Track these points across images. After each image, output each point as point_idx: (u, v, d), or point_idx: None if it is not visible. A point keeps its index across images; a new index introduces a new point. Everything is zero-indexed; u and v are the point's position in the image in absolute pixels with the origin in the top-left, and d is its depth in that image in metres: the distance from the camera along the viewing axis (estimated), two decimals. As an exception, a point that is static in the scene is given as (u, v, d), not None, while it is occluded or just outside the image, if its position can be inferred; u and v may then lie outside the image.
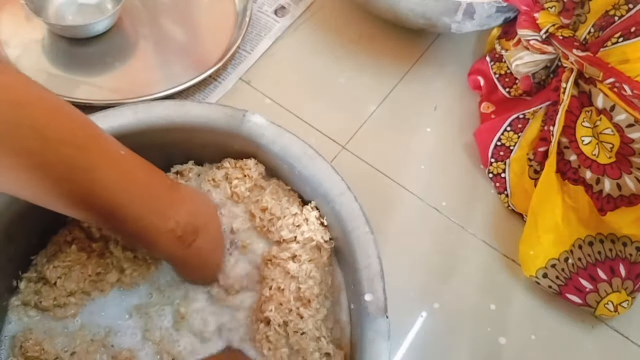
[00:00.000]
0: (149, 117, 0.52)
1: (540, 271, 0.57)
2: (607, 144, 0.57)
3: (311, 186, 0.52)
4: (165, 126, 0.52)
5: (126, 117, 0.52)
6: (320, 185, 0.51)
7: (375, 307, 0.46)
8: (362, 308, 0.46)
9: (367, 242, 0.48)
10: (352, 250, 0.48)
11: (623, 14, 0.57)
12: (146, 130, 0.52)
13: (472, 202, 0.64)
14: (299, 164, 0.52)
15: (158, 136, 0.53)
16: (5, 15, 0.71)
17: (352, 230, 0.49)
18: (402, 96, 0.71)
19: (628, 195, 0.57)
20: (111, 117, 0.51)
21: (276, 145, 0.52)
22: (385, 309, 0.46)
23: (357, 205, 0.50)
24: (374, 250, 0.48)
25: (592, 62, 0.56)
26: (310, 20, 0.76)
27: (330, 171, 0.51)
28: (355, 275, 0.48)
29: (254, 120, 0.53)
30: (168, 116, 0.52)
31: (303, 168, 0.52)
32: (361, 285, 0.47)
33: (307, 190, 0.53)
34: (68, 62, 0.69)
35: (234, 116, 0.53)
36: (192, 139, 0.54)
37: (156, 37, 0.72)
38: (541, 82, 0.65)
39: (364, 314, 0.46)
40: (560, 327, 0.58)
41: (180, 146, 0.55)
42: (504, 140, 0.64)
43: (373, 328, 0.45)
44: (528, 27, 0.61)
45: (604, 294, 0.56)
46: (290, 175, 0.53)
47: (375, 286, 0.47)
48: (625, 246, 0.57)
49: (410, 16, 0.66)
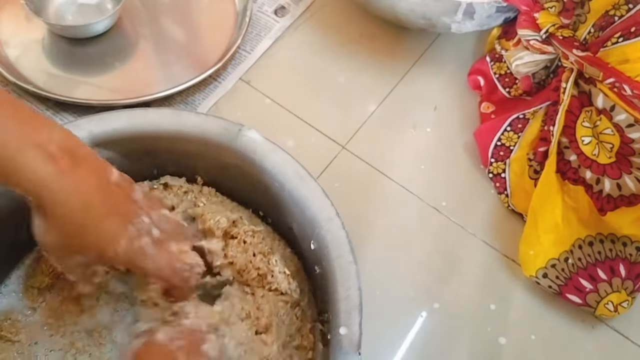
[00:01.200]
0: (144, 123, 0.52)
1: (540, 271, 0.57)
2: (607, 144, 0.57)
3: (300, 208, 0.51)
4: (159, 134, 0.52)
5: (122, 121, 0.51)
6: (309, 208, 0.50)
7: (349, 342, 0.44)
8: (336, 341, 0.45)
9: (350, 272, 0.47)
10: (334, 280, 0.47)
11: (623, 14, 0.57)
12: (140, 136, 0.52)
13: (472, 202, 0.64)
14: (289, 184, 0.51)
15: (150, 143, 0.52)
16: (5, 15, 0.71)
17: (336, 259, 0.48)
18: (402, 96, 0.71)
19: (628, 195, 0.57)
20: (107, 120, 0.51)
21: (268, 162, 0.51)
22: (358, 345, 0.44)
23: (343, 233, 0.49)
24: (355, 281, 0.47)
25: (592, 62, 0.56)
26: (310, 20, 0.76)
27: (320, 195, 0.50)
28: (334, 306, 0.47)
29: (249, 135, 0.52)
30: (163, 124, 0.52)
31: (293, 189, 0.51)
32: (338, 318, 0.45)
33: (295, 211, 0.52)
34: (68, 62, 0.69)
35: (229, 129, 0.52)
36: (186, 148, 0.54)
37: (156, 37, 0.72)
38: (541, 82, 0.65)
39: (337, 347, 0.44)
40: (560, 327, 0.58)
41: (172, 154, 0.54)
42: (504, 140, 0.64)
43: None
44: (528, 27, 0.61)
45: (604, 294, 0.56)
46: (280, 194, 0.52)
47: (352, 320, 0.45)
48: (625, 246, 0.57)
49: (410, 16, 0.66)
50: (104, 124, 0.51)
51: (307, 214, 0.50)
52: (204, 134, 0.52)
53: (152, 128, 0.52)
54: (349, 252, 0.48)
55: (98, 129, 0.50)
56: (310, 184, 0.51)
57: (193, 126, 0.52)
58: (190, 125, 0.52)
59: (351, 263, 0.47)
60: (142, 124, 0.52)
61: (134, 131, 0.51)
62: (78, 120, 0.51)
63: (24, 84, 0.65)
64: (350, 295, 0.46)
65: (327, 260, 0.48)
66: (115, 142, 0.46)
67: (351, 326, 0.45)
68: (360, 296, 0.46)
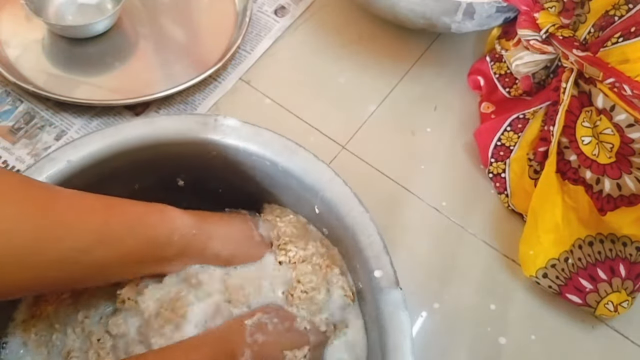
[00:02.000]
0: (119, 140, 0.50)
1: (540, 271, 0.57)
2: (607, 144, 0.57)
3: (297, 179, 0.51)
4: (138, 145, 0.51)
5: (96, 144, 0.50)
6: (307, 176, 0.50)
7: (388, 280, 0.46)
8: (375, 284, 0.46)
9: (365, 221, 0.48)
10: (352, 232, 0.48)
11: (623, 14, 0.57)
12: (118, 153, 0.50)
13: (472, 202, 0.64)
14: (281, 158, 0.50)
15: (133, 157, 0.51)
16: (5, 15, 0.71)
17: (347, 214, 0.48)
18: (402, 96, 0.71)
19: (628, 195, 0.57)
20: (80, 146, 0.49)
21: (254, 144, 0.51)
22: (397, 281, 0.46)
23: (347, 188, 0.49)
24: (373, 227, 0.47)
25: (592, 62, 0.56)
26: (310, 20, 0.76)
27: (314, 160, 0.50)
28: (360, 256, 0.47)
29: (227, 123, 0.51)
30: (139, 135, 0.51)
31: (286, 162, 0.50)
32: (368, 264, 0.47)
33: (293, 183, 0.52)
34: (68, 62, 0.69)
35: (205, 123, 0.51)
36: (168, 153, 0.53)
37: (156, 37, 0.73)
38: (541, 82, 0.65)
39: (377, 289, 0.46)
40: (560, 327, 0.58)
41: (153, 163, 0.53)
42: (504, 140, 0.64)
43: (389, 302, 0.45)
44: (528, 27, 0.61)
45: (604, 294, 0.56)
46: (275, 174, 0.52)
47: (383, 262, 0.46)
48: (625, 246, 0.57)
49: (410, 16, 0.66)
50: (78, 150, 0.49)
51: (307, 181, 0.50)
52: (182, 134, 0.51)
53: (129, 141, 0.51)
54: (358, 204, 0.48)
55: (74, 157, 0.49)
56: (302, 153, 0.50)
57: (168, 128, 0.51)
58: (165, 128, 0.51)
59: (364, 212, 0.48)
60: (118, 141, 0.50)
61: (110, 151, 0.50)
62: (52, 154, 0.49)
63: (24, 84, 0.65)
64: (374, 241, 0.47)
65: (338, 218, 0.49)
66: (94, 165, 0.46)
67: (384, 267, 0.46)
68: (383, 240, 0.47)
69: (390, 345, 0.45)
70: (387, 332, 0.45)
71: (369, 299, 0.48)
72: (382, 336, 0.46)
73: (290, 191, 0.53)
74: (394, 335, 0.45)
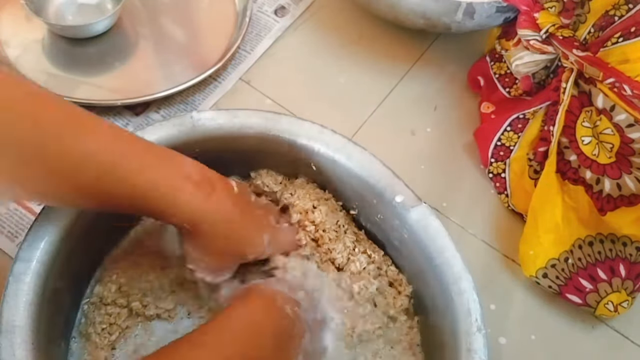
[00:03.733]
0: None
1: (540, 271, 0.57)
2: (607, 144, 0.57)
3: (288, 143, 0.52)
4: None
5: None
6: (297, 139, 0.52)
7: (411, 200, 0.49)
8: (401, 207, 0.49)
9: (367, 156, 0.52)
10: (360, 171, 0.51)
11: (623, 14, 0.57)
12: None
13: (472, 202, 0.64)
14: (264, 128, 0.52)
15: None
16: (5, 15, 0.71)
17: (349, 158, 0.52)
18: (402, 96, 0.71)
19: (628, 195, 0.57)
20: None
21: (236, 124, 0.52)
22: (419, 198, 0.49)
23: (337, 137, 0.52)
24: (375, 160, 0.51)
25: (592, 62, 0.56)
26: (310, 20, 0.76)
27: (300, 121, 0.53)
28: (372, 191, 0.51)
29: (204, 117, 0.52)
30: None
31: (273, 129, 0.52)
32: (386, 192, 0.50)
33: (285, 147, 0.53)
34: (68, 62, 0.69)
35: (183, 123, 0.51)
36: None
37: (156, 37, 0.72)
38: (541, 82, 0.65)
39: (403, 210, 0.49)
40: (560, 327, 0.58)
41: None
42: (504, 140, 0.64)
43: (420, 216, 0.49)
44: (528, 27, 0.61)
45: (604, 294, 0.56)
46: (265, 141, 0.53)
47: (398, 187, 0.50)
48: (625, 246, 0.57)
49: (410, 16, 0.66)
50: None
51: (298, 143, 0.53)
52: (164, 140, 0.51)
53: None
54: (353, 145, 0.52)
55: None
56: (283, 118, 0.53)
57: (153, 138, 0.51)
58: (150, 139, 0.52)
59: (364, 151, 0.52)
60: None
61: None
62: None
63: (24, 84, 0.64)
64: (383, 176, 0.51)
65: (343, 168, 0.52)
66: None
67: (402, 192, 0.50)
68: (389, 169, 0.50)
69: (434, 252, 0.48)
70: (426, 243, 0.48)
71: (396, 226, 0.51)
72: (425, 250, 0.48)
73: (283, 157, 0.54)
74: (434, 242, 0.48)
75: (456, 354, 0.45)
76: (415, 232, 0.49)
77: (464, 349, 0.45)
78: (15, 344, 0.41)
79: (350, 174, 0.52)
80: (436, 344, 0.50)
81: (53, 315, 0.46)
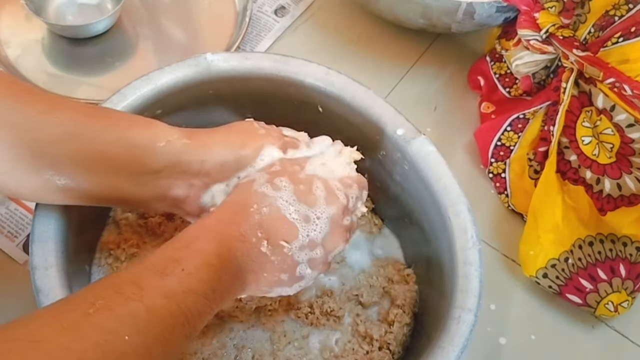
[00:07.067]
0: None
1: (540, 271, 0.57)
2: (607, 144, 0.57)
3: (295, 84, 0.53)
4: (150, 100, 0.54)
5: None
6: (306, 77, 0.53)
7: (411, 132, 0.51)
8: (402, 140, 0.51)
9: (372, 97, 0.53)
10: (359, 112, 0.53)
11: (623, 14, 0.57)
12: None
13: (472, 202, 0.64)
14: (274, 69, 0.53)
15: None
16: (5, 15, 0.71)
17: (352, 97, 0.53)
18: (402, 96, 0.70)
19: (628, 195, 0.57)
20: (153, 79, 0.54)
21: (247, 66, 0.53)
22: (418, 130, 0.51)
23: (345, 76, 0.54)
24: (380, 100, 0.53)
25: (592, 62, 0.56)
26: (310, 20, 0.76)
27: (307, 62, 0.54)
28: (377, 126, 0.52)
29: (217, 58, 0.52)
30: (143, 93, 0.54)
31: (275, 69, 0.53)
32: (387, 126, 0.51)
33: (292, 90, 0.54)
34: (68, 62, 0.69)
35: (198, 63, 0.52)
36: (168, 104, 0.54)
37: (156, 37, 0.73)
38: (541, 82, 0.65)
39: (405, 142, 0.50)
40: (560, 327, 0.58)
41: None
42: (504, 140, 0.64)
43: (419, 146, 0.50)
44: (528, 27, 0.61)
45: (604, 294, 0.56)
46: (274, 86, 0.54)
47: (400, 121, 0.51)
48: (626, 246, 0.57)
49: (410, 16, 0.66)
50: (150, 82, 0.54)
51: (307, 82, 0.54)
52: (180, 81, 0.53)
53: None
54: (358, 86, 0.53)
55: (145, 89, 0.54)
56: (292, 61, 0.54)
57: (167, 79, 0.53)
58: (165, 81, 0.54)
59: (367, 90, 0.53)
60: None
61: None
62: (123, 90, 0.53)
63: (24, 84, 0.65)
64: (385, 111, 0.52)
65: (345, 104, 0.54)
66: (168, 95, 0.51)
67: (403, 125, 0.51)
68: (391, 105, 0.52)
69: (433, 178, 0.49)
70: (426, 172, 0.50)
71: (400, 159, 0.52)
72: (424, 178, 0.49)
73: (291, 103, 0.55)
74: (433, 170, 0.50)
75: (453, 268, 0.47)
76: (415, 162, 0.51)
77: (461, 262, 0.47)
78: (47, 251, 0.44)
79: (354, 111, 0.53)
80: (433, 265, 0.52)
81: (78, 243, 0.49)
